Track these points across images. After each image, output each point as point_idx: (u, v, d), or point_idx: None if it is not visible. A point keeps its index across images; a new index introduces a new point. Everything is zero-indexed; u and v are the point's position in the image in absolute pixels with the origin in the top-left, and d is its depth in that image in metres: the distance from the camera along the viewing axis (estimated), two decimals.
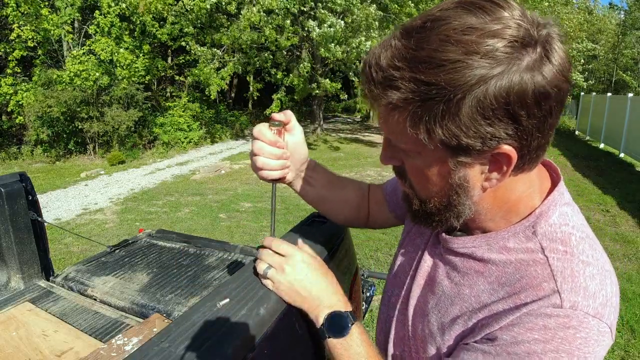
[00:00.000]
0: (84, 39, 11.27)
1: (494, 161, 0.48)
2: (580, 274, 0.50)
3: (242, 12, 10.46)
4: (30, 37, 9.88)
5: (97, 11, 10.83)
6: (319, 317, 0.66)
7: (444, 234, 0.62)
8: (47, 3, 10.05)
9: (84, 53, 10.50)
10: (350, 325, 0.64)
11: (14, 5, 9.44)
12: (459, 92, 0.42)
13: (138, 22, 10.94)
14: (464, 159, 0.48)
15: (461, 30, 0.42)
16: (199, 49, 11.40)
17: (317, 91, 11.90)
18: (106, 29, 10.76)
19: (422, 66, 0.43)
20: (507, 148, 0.46)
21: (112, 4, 10.68)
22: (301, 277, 0.68)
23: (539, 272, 0.51)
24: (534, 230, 0.54)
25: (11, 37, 9.80)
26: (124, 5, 10.50)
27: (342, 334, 0.63)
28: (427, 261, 0.66)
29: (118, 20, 11.01)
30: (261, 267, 0.70)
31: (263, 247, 0.74)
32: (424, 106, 0.44)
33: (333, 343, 0.64)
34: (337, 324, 0.64)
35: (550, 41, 0.44)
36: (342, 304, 0.67)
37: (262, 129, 0.70)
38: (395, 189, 0.83)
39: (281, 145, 0.71)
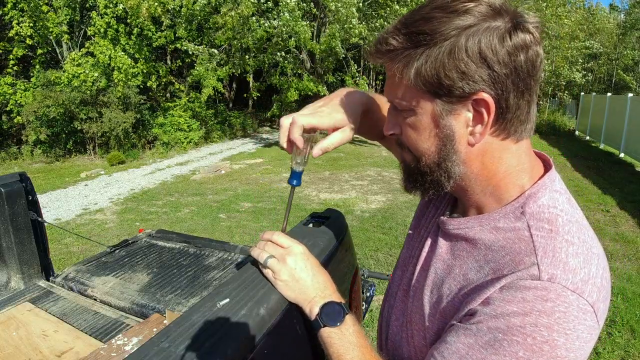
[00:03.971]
0: (83, 41, 11.26)
1: (476, 112, 0.54)
2: (561, 251, 0.51)
3: (222, 11, 10.43)
4: (29, 33, 9.84)
5: (93, 12, 10.80)
6: (314, 308, 0.67)
7: (442, 217, 0.66)
8: (46, 0, 10.03)
9: (82, 55, 10.49)
10: (344, 315, 0.66)
11: (12, 2, 9.41)
12: (440, 37, 0.52)
13: (135, 24, 10.90)
14: (447, 105, 0.54)
15: (446, 2, 0.53)
16: (192, 47, 11.37)
17: (304, 88, 11.91)
18: (102, 30, 10.72)
19: (415, 24, 0.54)
20: (485, 95, 0.52)
21: (110, 5, 10.65)
22: (301, 268, 0.70)
23: (522, 248, 0.53)
24: (523, 210, 0.56)
25: (10, 34, 9.76)
26: (120, 7, 10.48)
27: (337, 322, 0.65)
28: (426, 248, 0.69)
29: (115, 22, 11.00)
30: (262, 256, 0.72)
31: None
32: (415, 51, 0.54)
33: (327, 332, 0.65)
34: (332, 314, 0.66)
35: (519, 15, 0.53)
36: (336, 296, 0.69)
37: (294, 131, 0.70)
38: None
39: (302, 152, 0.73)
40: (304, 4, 10.35)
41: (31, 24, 9.83)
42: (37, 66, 10.79)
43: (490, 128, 0.55)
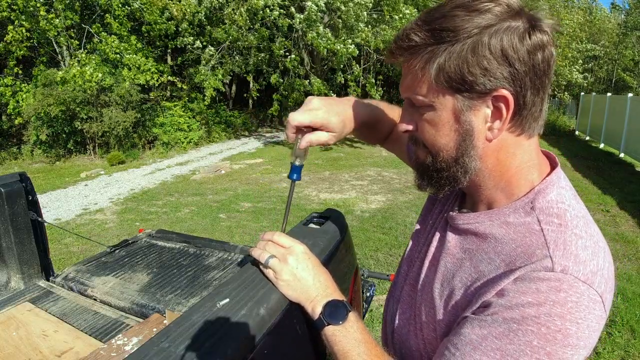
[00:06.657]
0: (85, 40, 11.23)
1: (495, 108, 0.56)
2: (572, 244, 0.53)
3: (225, 11, 10.39)
4: (25, 37, 9.79)
5: (107, 15, 10.78)
6: (317, 307, 0.68)
7: (451, 213, 0.67)
8: (43, 1, 9.99)
9: (87, 53, 10.47)
10: (347, 313, 0.67)
11: (6, 3, 9.36)
12: (464, 34, 0.53)
13: (150, 20, 10.88)
14: (468, 101, 0.56)
15: (468, 1, 0.55)
16: (189, 39, 11.34)
17: (310, 89, 11.86)
18: (120, 30, 10.72)
19: (437, 21, 0.55)
20: (505, 92, 0.54)
21: (122, 3, 10.65)
22: (303, 267, 0.71)
23: (534, 241, 0.55)
24: (532, 205, 0.58)
25: (6, 39, 9.71)
26: (136, 5, 10.48)
27: (340, 320, 0.66)
28: (434, 243, 0.70)
29: (127, 21, 11.00)
30: (263, 256, 0.72)
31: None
32: (438, 47, 0.55)
33: (331, 331, 0.66)
34: (335, 312, 0.67)
35: (536, 16, 0.55)
36: (338, 295, 0.70)
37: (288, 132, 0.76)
38: None
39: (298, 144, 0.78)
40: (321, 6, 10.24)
41: (31, 26, 9.78)
42: (41, 66, 10.75)
43: (507, 124, 0.56)
